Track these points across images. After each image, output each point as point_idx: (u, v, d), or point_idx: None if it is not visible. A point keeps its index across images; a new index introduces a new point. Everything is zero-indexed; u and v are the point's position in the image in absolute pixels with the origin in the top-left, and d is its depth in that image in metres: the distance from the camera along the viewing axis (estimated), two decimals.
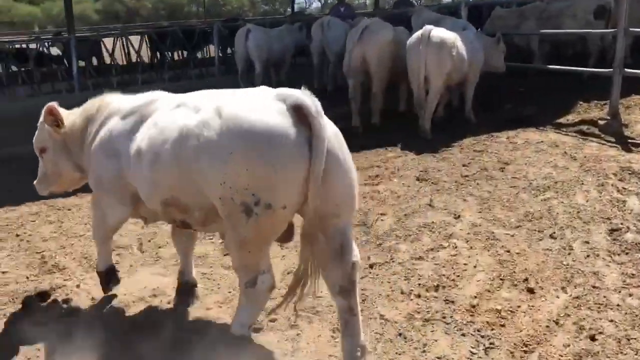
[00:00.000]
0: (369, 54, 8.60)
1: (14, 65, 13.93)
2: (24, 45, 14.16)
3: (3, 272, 4.48)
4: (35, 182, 4.05)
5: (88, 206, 5.38)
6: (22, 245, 5.03)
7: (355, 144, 5.02)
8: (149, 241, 4.96)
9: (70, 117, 3.82)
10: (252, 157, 2.66)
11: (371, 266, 4.31)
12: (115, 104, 3.59)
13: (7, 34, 26.90)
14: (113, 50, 14.21)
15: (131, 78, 12.67)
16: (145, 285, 4.18)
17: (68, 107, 3.97)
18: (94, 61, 15.07)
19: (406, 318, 3.62)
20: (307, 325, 3.58)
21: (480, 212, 5.18)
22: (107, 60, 14.59)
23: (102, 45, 14.77)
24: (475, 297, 3.81)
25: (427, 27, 7.96)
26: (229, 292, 4.03)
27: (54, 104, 3.80)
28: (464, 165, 6.58)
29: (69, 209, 5.84)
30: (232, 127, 2.71)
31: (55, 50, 15.33)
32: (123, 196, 3.45)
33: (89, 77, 12.60)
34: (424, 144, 7.58)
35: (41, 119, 3.81)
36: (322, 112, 2.71)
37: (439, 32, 7.98)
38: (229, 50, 14.48)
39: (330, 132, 2.77)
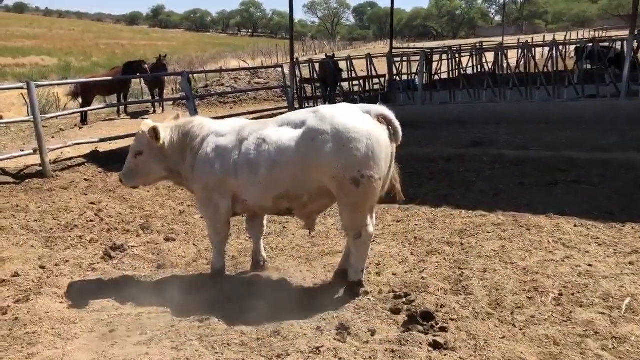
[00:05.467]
0: None
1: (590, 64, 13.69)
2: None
3: None
4: (120, 174, 4.96)
5: None
6: None
7: None
8: None
9: (167, 131, 4.73)
10: (357, 146, 3.96)
11: None
12: (208, 126, 4.67)
13: None
14: None
15: None
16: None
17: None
18: None
19: None
20: None
21: None
22: None
23: None
24: None
25: None
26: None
27: (157, 125, 4.70)
28: None
29: None
30: (342, 129, 4.01)
31: None
32: (225, 193, 4.49)
33: None
34: None
35: (143, 129, 4.71)
36: (395, 118, 4.16)
37: None
38: None
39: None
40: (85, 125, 16.52)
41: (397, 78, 15.68)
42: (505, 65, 12.88)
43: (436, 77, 15.50)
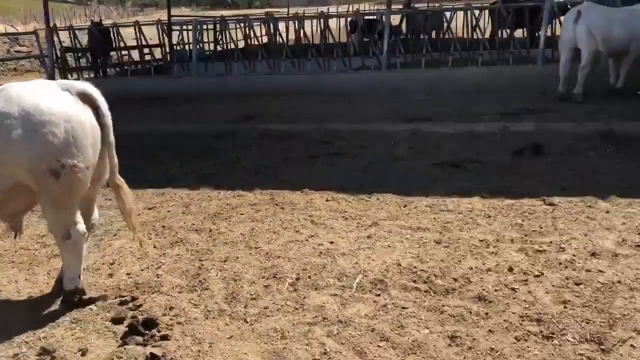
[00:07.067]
0: None
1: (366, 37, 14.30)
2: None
3: None
4: None
5: None
6: None
7: None
8: None
9: None
10: (53, 131, 3.32)
11: None
12: None
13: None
14: (448, 25, 13.20)
15: (442, 58, 11.59)
16: None
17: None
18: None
19: None
20: None
21: None
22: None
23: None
24: None
25: None
26: None
27: None
28: None
29: None
30: (33, 111, 3.31)
31: None
32: None
33: (399, 55, 11.98)
34: None
35: None
36: (101, 96, 3.61)
37: None
38: None
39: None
40: None
41: (179, 47, 14.87)
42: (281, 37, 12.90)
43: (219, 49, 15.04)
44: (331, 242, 4.54)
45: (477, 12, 12.02)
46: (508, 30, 12.43)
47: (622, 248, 4.15)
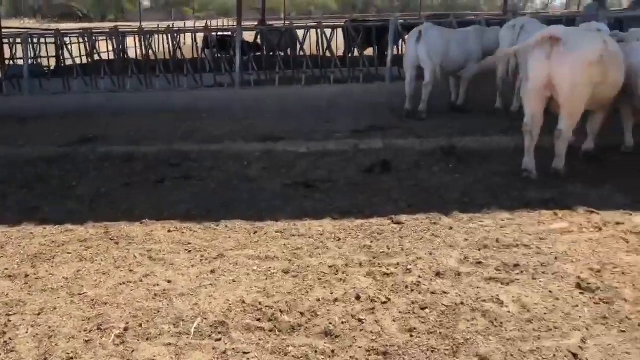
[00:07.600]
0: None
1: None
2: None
3: None
4: None
5: None
6: None
7: None
8: None
9: None
10: None
11: None
12: None
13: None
14: (302, 42, 13.21)
15: (295, 76, 11.57)
16: None
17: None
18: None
19: None
20: None
21: None
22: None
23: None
24: None
25: None
26: None
27: None
28: None
29: None
30: None
31: None
32: None
33: (251, 72, 11.79)
34: None
35: None
36: None
37: None
38: None
39: None
40: None
41: (11, 62, 13.40)
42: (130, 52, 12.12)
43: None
44: (169, 282, 4.09)
45: (328, 31, 12.17)
46: (358, 49, 12.77)
47: (464, 266, 4.19)
